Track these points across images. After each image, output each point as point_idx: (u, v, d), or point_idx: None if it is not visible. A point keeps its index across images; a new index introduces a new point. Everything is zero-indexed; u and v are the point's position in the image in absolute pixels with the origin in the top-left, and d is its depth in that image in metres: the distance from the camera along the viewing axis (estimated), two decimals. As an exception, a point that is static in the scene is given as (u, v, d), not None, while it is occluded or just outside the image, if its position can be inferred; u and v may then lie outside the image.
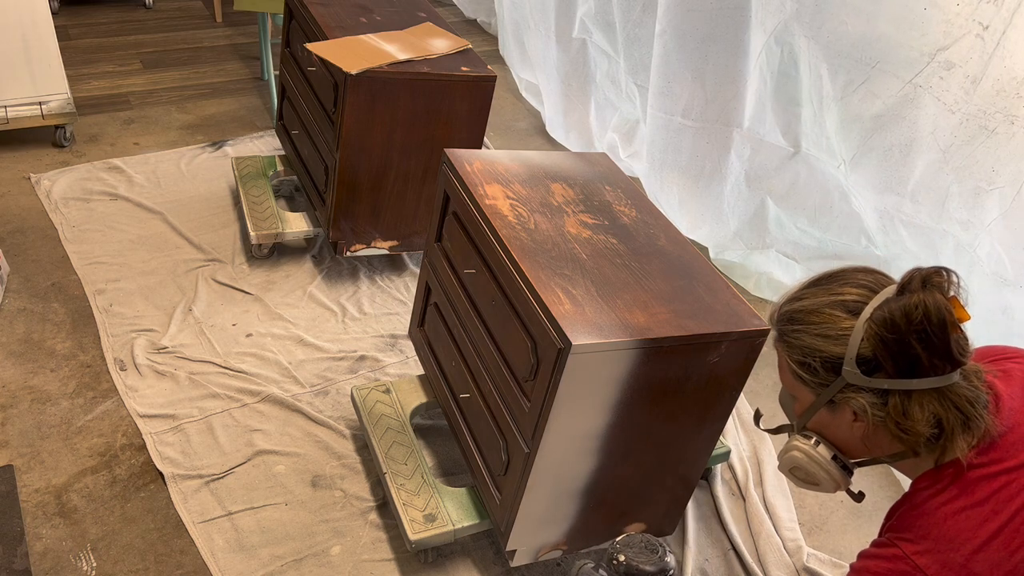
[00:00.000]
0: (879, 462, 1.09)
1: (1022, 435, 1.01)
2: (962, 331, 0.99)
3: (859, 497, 1.17)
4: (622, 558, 1.21)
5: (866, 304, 1.00)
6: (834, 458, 1.09)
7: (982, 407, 1.00)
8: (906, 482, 1.13)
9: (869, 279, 1.04)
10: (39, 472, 1.82)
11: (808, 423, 1.10)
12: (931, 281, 0.98)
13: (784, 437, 1.20)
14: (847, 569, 1.81)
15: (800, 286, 1.10)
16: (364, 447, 1.97)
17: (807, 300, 1.06)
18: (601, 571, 1.30)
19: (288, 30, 2.57)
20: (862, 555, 1.05)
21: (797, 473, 1.14)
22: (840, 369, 1.01)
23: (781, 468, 1.16)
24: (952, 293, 0.98)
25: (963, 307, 0.97)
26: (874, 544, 1.06)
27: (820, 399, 1.05)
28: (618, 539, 1.27)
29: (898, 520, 1.04)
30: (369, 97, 2.11)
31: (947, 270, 0.99)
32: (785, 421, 1.21)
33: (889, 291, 1.00)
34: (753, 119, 2.51)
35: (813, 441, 1.10)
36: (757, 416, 1.30)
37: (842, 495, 2.02)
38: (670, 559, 1.22)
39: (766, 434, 2.13)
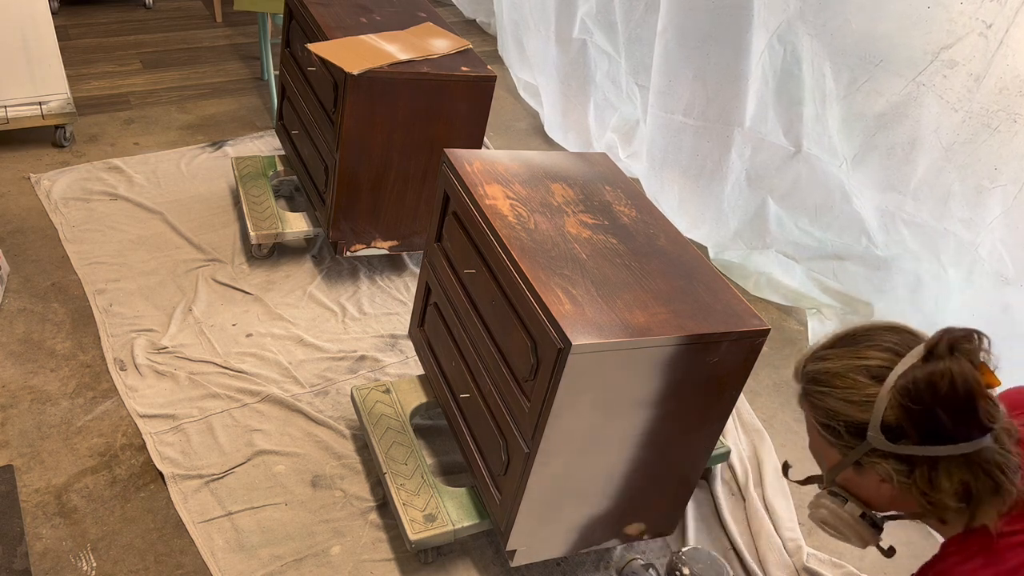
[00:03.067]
0: (912, 518, 1.08)
1: None
2: (991, 398, 0.97)
3: (889, 553, 1.15)
4: (686, 571, 1.18)
5: (891, 369, 0.98)
6: (863, 516, 1.08)
7: (1013, 472, 0.98)
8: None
9: (895, 340, 1.02)
10: (39, 472, 1.81)
11: (836, 479, 1.10)
12: (959, 347, 0.95)
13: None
14: (847, 569, 1.81)
15: (824, 344, 1.08)
16: (364, 447, 1.96)
17: (831, 362, 1.05)
18: (651, 571, 1.28)
19: (288, 30, 2.57)
20: None
21: (826, 528, 1.14)
22: (865, 434, 1.00)
23: (812, 519, 1.16)
24: (982, 359, 0.96)
25: (992, 373, 0.96)
26: None
27: (846, 460, 1.05)
28: (683, 550, 1.23)
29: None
30: (369, 97, 2.10)
31: (978, 333, 0.97)
32: (815, 471, 1.20)
33: (915, 355, 0.98)
34: (755, 118, 2.51)
35: (841, 499, 1.09)
36: (786, 468, 1.29)
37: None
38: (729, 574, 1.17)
39: (766, 434, 2.13)
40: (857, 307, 2.42)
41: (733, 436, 2.11)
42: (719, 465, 2.00)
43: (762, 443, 2.10)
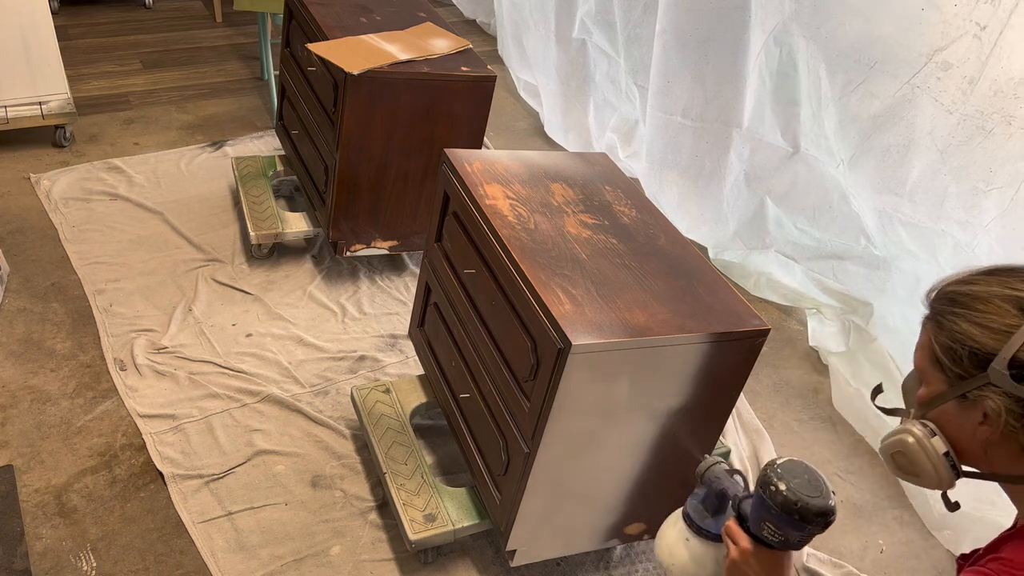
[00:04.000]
0: (994, 479, 1.01)
1: None
2: None
3: (954, 506, 1.09)
4: (783, 487, 1.02)
5: None
6: (946, 454, 1.01)
7: None
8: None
9: None
10: (39, 472, 1.82)
11: (930, 413, 1.02)
12: None
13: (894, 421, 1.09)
14: (847, 569, 1.82)
15: (973, 271, 1.01)
16: (364, 447, 1.97)
17: (978, 286, 0.97)
18: (737, 477, 1.15)
19: (288, 30, 2.57)
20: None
21: (899, 459, 1.05)
22: (987, 365, 0.93)
23: (883, 450, 1.07)
24: None
25: None
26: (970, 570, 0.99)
27: (953, 390, 0.97)
28: (779, 462, 1.06)
29: (1009, 551, 0.96)
30: (369, 97, 2.11)
31: None
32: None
33: None
34: (752, 119, 2.51)
35: (929, 430, 1.01)
36: (876, 391, 1.19)
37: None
38: (833, 503, 1.05)
39: (766, 434, 2.14)
40: (857, 307, 2.43)
41: (733, 436, 2.11)
42: (718, 465, 2.01)
43: (762, 443, 2.11)
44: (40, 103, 2.79)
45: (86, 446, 1.89)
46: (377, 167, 2.25)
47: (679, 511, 1.20)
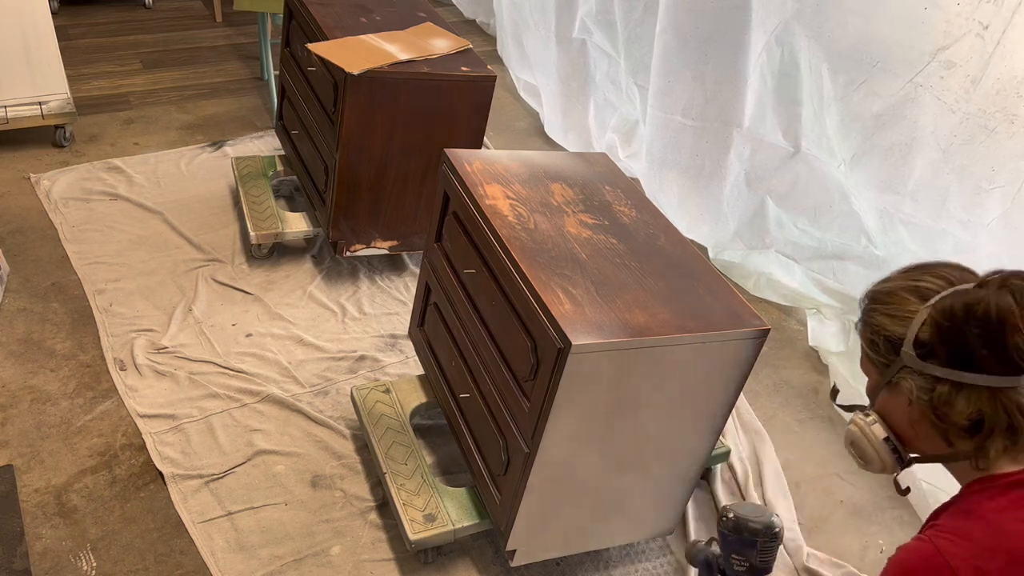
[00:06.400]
0: (929, 460, 1.09)
1: None
2: None
3: (905, 491, 1.18)
4: (731, 514, 1.27)
5: (939, 293, 1.01)
6: (886, 440, 1.09)
7: None
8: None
9: (954, 274, 1.04)
10: (39, 472, 1.82)
11: (876, 405, 1.11)
12: (1010, 283, 0.96)
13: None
14: (847, 569, 1.81)
15: (894, 271, 1.13)
16: (364, 447, 1.97)
17: (890, 282, 1.09)
18: (714, 543, 1.36)
19: (288, 30, 2.57)
20: (898, 550, 1.03)
21: (853, 449, 1.15)
22: (900, 350, 1.03)
23: (845, 441, 1.18)
24: None
25: None
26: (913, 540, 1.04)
27: (882, 379, 1.07)
28: (730, 504, 1.33)
29: (944, 519, 1.02)
30: (369, 97, 2.11)
31: None
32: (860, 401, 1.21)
33: (966, 285, 1.00)
34: (753, 119, 2.51)
35: (871, 419, 1.11)
36: (834, 392, 1.32)
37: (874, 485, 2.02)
38: (777, 520, 1.27)
39: (766, 434, 2.13)
40: (857, 307, 2.42)
41: (733, 436, 2.11)
42: (719, 465, 2.00)
43: (762, 443, 2.10)
44: (40, 103, 2.79)
45: (86, 446, 1.89)
46: (377, 167, 2.25)
47: None
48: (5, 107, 2.75)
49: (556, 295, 1.38)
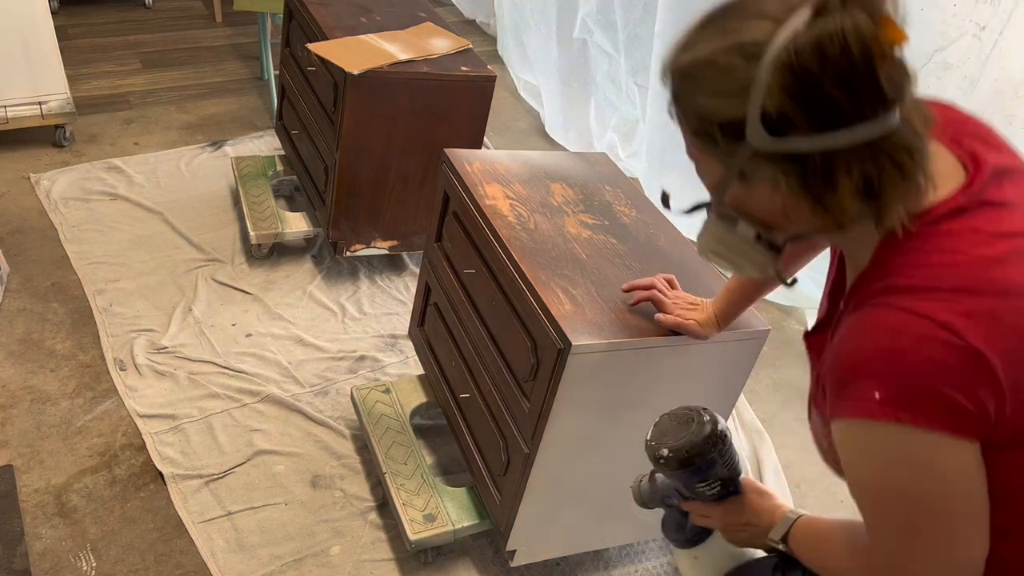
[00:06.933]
0: (812, 237, 0.89)
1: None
2: (896, 60, 0.75)
3: (791, 284, 1.00)
4: (665, 452, 1.03)
5: (769, 43, 0.75)
6: (757, 237, 0.89)
7: (922, 158, 0.79)
8: None
9: (776, 5, 0.77)
10: (39, 472, 1.82)
11: (726, 200, 0.88)
12: None
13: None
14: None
15: (692, 27, 0.84)
16: (364, 447, 1.97)
17: (699, 47, 0.81)
18: (657, 475, 1.15)
19: (288, 30, 2.57)
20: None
21: (719, 261, 0.97)
22: (743, 134, 0.79)
23: (701, 252, 0.98)
24: (886, 11, 0.74)
25: (897, 27, 0.74)
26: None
27: (730, 172, 0.84)
28: (649, 432, 1.04)
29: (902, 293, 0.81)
30: (369, 97, 2.11)
31: None
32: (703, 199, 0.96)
33: (800, 17, 0.75)
34: (753, 119, 2.51)
35: (729, 221, 0.90)
36: (665, 198, 1.03)
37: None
38: (707, 424, 1.03)
39: (766, 434, 2.13)
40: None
41: (733, 436, 2.11)
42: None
43: (762, 443, 2.11)
44: (40, 103, 2.79)
45: (86, 446, 1.89)
46: (377, 167, 2.25)
47: (676, 552, 1.25)
48: (5, 107, 2.75)
49: (556, 295, 1.38)
